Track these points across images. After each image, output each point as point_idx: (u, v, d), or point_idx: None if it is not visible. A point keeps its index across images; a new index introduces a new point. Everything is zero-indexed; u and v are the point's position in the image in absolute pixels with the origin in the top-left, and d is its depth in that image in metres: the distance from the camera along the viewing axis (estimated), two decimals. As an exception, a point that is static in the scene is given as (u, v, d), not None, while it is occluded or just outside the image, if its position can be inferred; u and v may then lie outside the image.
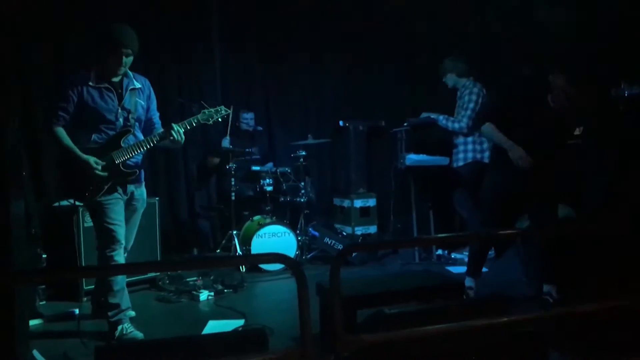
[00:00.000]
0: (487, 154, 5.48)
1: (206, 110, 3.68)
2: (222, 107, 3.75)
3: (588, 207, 4.36)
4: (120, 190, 3.54)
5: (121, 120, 3.52)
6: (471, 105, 5.43)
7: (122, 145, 3.49)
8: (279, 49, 7.02)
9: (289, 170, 6.18)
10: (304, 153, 6.00)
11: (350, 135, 6.80)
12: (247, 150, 6.08)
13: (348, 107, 7.27)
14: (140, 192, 3.73)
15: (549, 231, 3.52)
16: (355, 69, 7.32)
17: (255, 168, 6.14)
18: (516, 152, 3.89)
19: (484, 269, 5.09)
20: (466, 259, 5.43)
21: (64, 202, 4.55)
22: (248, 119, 6.47)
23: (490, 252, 5.45)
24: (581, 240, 3.80)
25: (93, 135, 3.46)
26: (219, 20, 6.70)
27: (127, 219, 3.61)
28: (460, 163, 5.52)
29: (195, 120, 3.62)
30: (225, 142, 6.07)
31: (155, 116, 3.79)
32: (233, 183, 5.68)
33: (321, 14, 7.01)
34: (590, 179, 4.57)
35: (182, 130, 3.53)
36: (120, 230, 3.48)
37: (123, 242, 3.51)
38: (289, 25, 6.96)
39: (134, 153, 3.53)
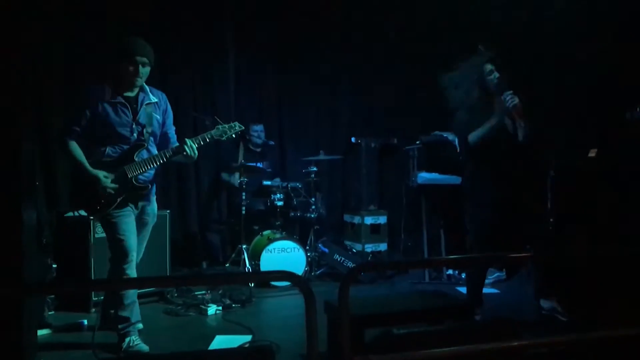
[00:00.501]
0: None
1: (220, 126, 3.66)
2: (237, 124, 3.71)
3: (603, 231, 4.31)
4: (131, 205, 3.55)
5: (135, 135, 3.50)
6: None
7: (136, 159, 3.48)
8: (294, 64, 7.06)
9: (299, 186, 6.18)
10: (315, 169, 6.00)
11: (362, 151, 6.82)
12: (259, 165, 6.09)
13: (360, 123, 7.29)
14: (152, 207, 3.74)
15: (557, 255, 3.48)
16: (369, 86, 7.34)
17: (267, 183, 6.15)
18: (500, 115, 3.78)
19: (496, 290, 5.07)
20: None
21: (76, 212, 4.60)
22: (258, 131, 6.49)
23: (501, 274, 5.42)
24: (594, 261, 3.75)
25: (107, 149, 3.47)
26: (234, 35, 6.76)
27: (137, 232, 3.60)
28: None
29: (209, 136, 3.61)
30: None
31: (171, 130, 3.78)
32: (244, 197, 5.68)
33: (336, 31, 7.06)
34: (606, 203, 4.52)
35: (195, 146, 3.52)
36: (131, 243, 3.48)
37: (134, 254, 3.51)
38: (304, 40, 7.01)
39: (147, 167, 3.51)
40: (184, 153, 3.51)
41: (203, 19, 6.50)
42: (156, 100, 3.63)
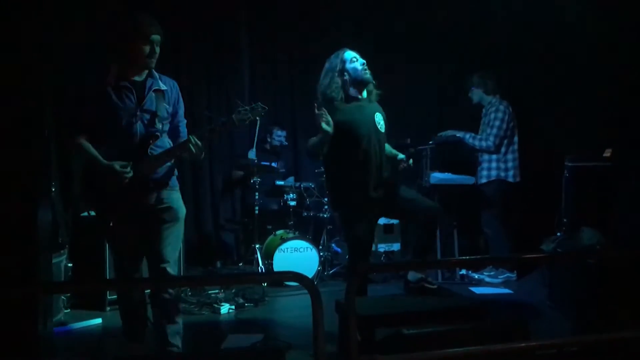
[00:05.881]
0: (511, 172, 5.45)
1: (241, 109, 3.17)
2: (259, 104, 3.20)
3: (618, 232, 4.27)
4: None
5: (139, 124, 3.09)
6: (497, 123, 5.43)
7: (149, 153, 3.09)
8: (307, 63, 7.05)
9: (312, 186, 6.20)
10: (328, 169, 5.99)
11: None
12: (273, 164, 6.12)
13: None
14: (169, 199, 3.22)
15: (575, 256, 3.46)
16: (381, 84, 7.30)
17: (280, 183, 6.18)
18: None
19: (508, 290, 5.05)
20: (488, 279, 5.38)
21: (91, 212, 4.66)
22: (281, 136, 6.55)
23: (511, 275, 5.40)
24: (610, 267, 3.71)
25: (110, 141, 3.11)
26: (248, 35, 6.79)
27: (158, 234, 3.16)
28: (484, 180, 5.51)
29: (230, 121, 3.17)
30: (252, 154, 6.10)
31: (182, 124, 3.34)
32: (257, 197, 5.71)
33: (348, 30, 7.05)
34: (620, 203, 4.48)
35: (200, 143, 3.05)
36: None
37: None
38: (318, 38, 7.00)
39: (163, 163, 3.12)
40: (189, 151, 3.06)
41: (217, 19, 6.53)
42: (166, 88, 3.21)
